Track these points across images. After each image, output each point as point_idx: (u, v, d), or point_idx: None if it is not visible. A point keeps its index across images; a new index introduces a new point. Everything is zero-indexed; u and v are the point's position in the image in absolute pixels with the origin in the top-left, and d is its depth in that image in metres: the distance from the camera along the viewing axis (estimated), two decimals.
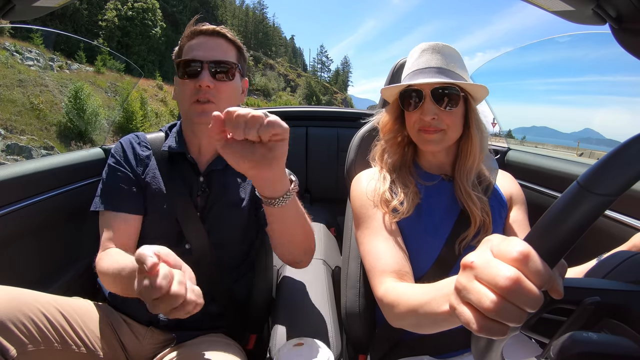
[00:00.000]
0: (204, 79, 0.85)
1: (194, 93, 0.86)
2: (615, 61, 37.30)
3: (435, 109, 0.81)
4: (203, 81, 0.85)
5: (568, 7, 0.59)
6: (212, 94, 0.87)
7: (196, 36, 0.90)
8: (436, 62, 0.82)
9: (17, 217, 0.98)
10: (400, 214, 0.83)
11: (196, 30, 0.90)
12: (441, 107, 0.81)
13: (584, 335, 0.37)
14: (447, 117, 0.82)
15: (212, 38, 0.90)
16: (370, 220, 0.85)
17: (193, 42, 0.90)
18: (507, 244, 0.34)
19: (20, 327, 0.68)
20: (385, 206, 0.84)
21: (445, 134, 0.83)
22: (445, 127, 0.82)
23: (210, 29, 0.90)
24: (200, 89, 0.86)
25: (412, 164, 0.92)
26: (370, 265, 0.80)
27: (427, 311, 0.57)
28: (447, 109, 0.81)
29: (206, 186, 0.93)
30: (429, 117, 0.81)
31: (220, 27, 0.91)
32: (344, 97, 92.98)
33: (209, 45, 0.89)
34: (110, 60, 21.57)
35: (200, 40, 0.89)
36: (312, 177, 2.18)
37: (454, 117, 0.82)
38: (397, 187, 0.86)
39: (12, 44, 17.59)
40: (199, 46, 0.88)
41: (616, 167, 0.34)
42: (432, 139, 0.83)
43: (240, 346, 0.93)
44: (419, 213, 0.84)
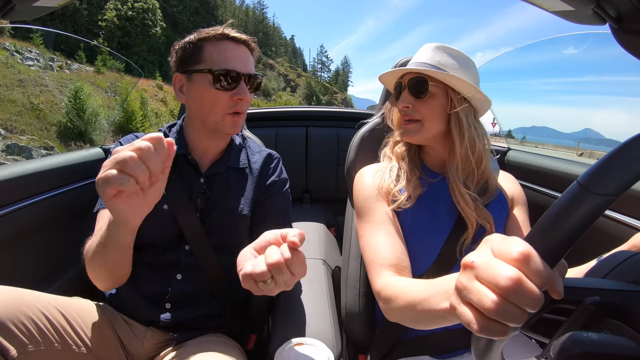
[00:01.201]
0: (245, 93, 0.86)
1: (230, 105, 0.86)
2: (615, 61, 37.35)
3: (410, 99, 0.85)
4: (245, 96, 0.86)
5: (568, 7, 0.59)
6: (244, 107, 0.89)
7: (227, 40, 0.86)
8: (425, 59, 0.86)
9: (17, 217, 0.98)
10: (400, 202, 0.83)
11: (228, 34, 0.86)
12: (414, 96, 0.85)
13: (584, 335, 0.37)
14: (422, 108, 0.85)
15: (242, 47, 0.88)
16: (371, 214, 0.85)
17: (222, 46, 0.86)
18: (508, 244, 0.34)
19: (20, 327, 0.68)
20: (387, 196, 0.85)
21: (422, 125, 0.86)
22: (421, 118, 0.85)
23: (241, 38, 0.88)
24: (239, 102, 0.86)
25: (417, 158, 0.94)
26: (369, 258, 0.80)
27: (425, 307, 0.57)
28: (419, 98, 0.84)
29: (206, 188, 0.93)
30: (403, 104, 0.86)
31: (248, 37, 0.90)
32: (344, 97, 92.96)
33: (243, 55, 0.88)
34: (110, 60, 21.56)
35: (231, 47, 0.86)
36: (312, 177, 2.18)
37: (429, 108, 0.85)
38: (402, 177, 0.88)
39: (12, 44, 17.58)
40: (234, 56, 0.86)
41: (616, 167, 0.34)
42: (407, 128, 0.87)
43: (240, 346, 0.93)
44: (419, 208, 0.85)
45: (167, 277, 0.89)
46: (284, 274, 0.54)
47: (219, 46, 0.86)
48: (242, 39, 0.88)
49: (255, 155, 1.02)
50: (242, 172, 0.98)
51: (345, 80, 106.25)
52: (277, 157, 1.05)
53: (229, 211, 0.93)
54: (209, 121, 0.88)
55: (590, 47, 1.24)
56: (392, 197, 0.85)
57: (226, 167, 0.95)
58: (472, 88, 0.82)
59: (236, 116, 0.88)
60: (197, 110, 0.89)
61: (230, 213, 0.93)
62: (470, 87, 0.82)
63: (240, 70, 0.85)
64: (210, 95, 0.85)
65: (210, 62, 0.85)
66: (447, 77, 0.82)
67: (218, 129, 0.89)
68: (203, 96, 0.86)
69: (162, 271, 0.90)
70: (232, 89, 0.85)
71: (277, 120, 2.25)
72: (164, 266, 0.90)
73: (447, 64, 0.84)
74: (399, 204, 0.84)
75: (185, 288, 0.89)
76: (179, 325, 0.88)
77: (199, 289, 0.91)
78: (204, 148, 0.94)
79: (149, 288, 0.89)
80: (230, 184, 0.95)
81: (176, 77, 0.91)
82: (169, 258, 0.90)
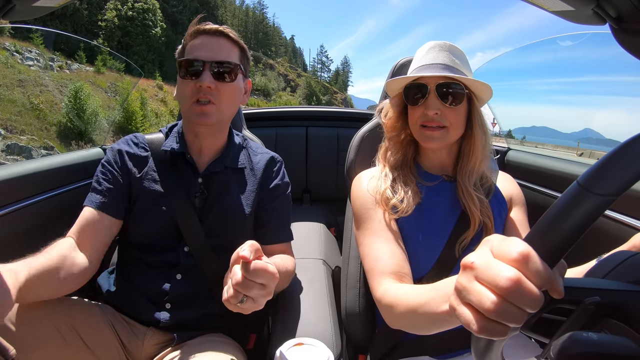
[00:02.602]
0: (205, 79, 0.84)
1: (194, 93, 0.85)
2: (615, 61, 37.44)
3: (439, 104, 0.81)
4: (204, 82, 0.84)
5: (568, 7, 0.59)
6: (213, 95, 0.86)
7: (199, 35, 0.89)
8: (443, 59, 0.82)
9: (17, 217, 0.98)
10: (400, 212, 0.83)
11: (199, 29, 0.89)
12: (445, 103, 0.81)
13: (584, 335, 0.37)
14: (450, 114, 0.82)
15: (215, 38, 0.89)
16: (370, 221, 0.85)
17: (196, 41, 0.89)
18: (507, 245, 0.34)
19: (20, 327, 0.68)
20: (385, 204, 0.84)
21: (447, 132, 0.83)
22: (448, 125, 0.82)
23: (213, 28, 0.88)
24: (201, 89, 0.85)
25: (413, 164, 0.92)
26: (370, 266, 0.80)
27: (425, 311, 0.57)
28: (451, 105, 0.81)
29: (204, 187, 0.93)
30: (432, 111, 0.81)
31: (224, 27, 0.90)
32: (344, 97, 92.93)
33: (212, 45, 0.88)
34: (110, 60, 21.55)
35: (203, 39, 0.88)
36: (312, 177, 2.18)
37: (457, 115, 0.82)
38: (398, 185, 0.86)
39: (12, 44, 17.58)
40: (202, 46, 0.87)
41: (616, 167, 0.34)
42: (433, 136, 0.83)
43: (240, 346, 0.93)
44: (419, 213, 0.84)
45: (167, 277, 0.89)
46: (253, 289, 0.56)
47: (193, 41, 0.89)
48: (213, 30, 0.89)
49: (257, 155, 1.02)
50: (241, 172, 0.98)
51: (345, 80, 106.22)
52: (280, 161, 1.06)
53: (228, 211, 0.93)
54: (183, 113, 0.91)
55: (590, 47, 1.25)
56: (391, 207, 0.84)
57: (223, 167, 0.95)
58: (491, 92, 0.82)
59: (202, 105, 0.86)
60: (180, 106, 0.93)
61: (229, 213, 0.92)
62: (490, 92, 0.82)
63: (204, 58, 0.85)
64: (181, 87, 0.88)
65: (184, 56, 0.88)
66: (479, 85, 0.81)
67: (189, 120, 0.90)
68: (177, 89, 0.90)
69: (162, 271, 0.90)
70: (195, 76, 0.85)
71: (277, 120, 2.25)
72: (163, 266, 0.90)
73: (461, 65, 0.83)
74: (399, 215, 0.83)
75: (185, 288, 0.89)
76: (179, 326, 0.88)
77: (198, 289, 0.91)
78: (198, 146, 0.94)
79: (149, 288, 0.89)
80: (229, 184, 0.95)
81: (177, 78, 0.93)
82: (169, 258, 0.90)
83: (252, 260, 0.55)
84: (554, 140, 29.66)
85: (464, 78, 0.80)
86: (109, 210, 0.88)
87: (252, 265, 0.55)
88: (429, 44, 0.87)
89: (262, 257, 0.58)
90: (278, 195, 1.00)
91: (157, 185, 0.91)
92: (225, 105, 0.89)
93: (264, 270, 0.56)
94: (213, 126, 0.90)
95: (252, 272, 0.55)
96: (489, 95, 0.84)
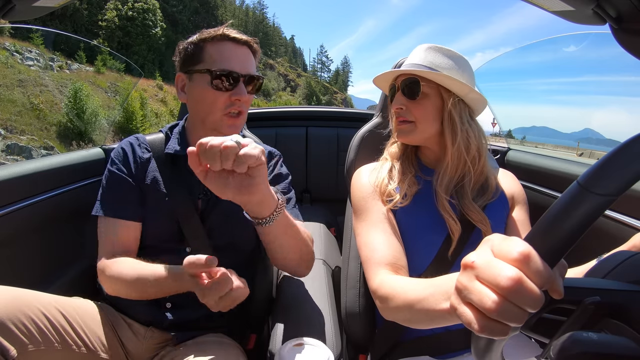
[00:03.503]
0: (243, 93, 0.85)
1: (227, 105, 0.86)
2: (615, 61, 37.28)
3: (403, 100, 0.86)
4: (242, 96, 0.85)
5: (568, 7, 0.59)
6: (243, 107, 0.88)
7: (226, 42, 0.86)
8: (418, 60, 0.86)
9: (17, 217, 0.98)
10: (396, 202, 0.83)
11: (228, 35, 0.86)
12: (408, 97, 0.85)
13: (584, 335, 0.37)
14: (415, 109, 0.85)
15: (243, 48, 0.88)
16: (368, 212, 0.85)
17: (223, 47, 0.86)
18: (508, 244, 0.34)
19: (20, 327, 0.68)
20: (383, 193, 0.85)
21: (415, 127, 0.86)
22: (414, 119, 0.85)
23: (241, 39, 0.87)
24: (235, 102, 0.86)
25: (414, 156, 0.94)
26: (366, 257, 0.80)
27: (424, 307, 0.56)
28: (412, 99, 0.85)
29: (207, 189, 0.93)
30: (396, 105, 0.86)
31: (250, 39, 0.89)
32: (344, 97, 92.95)
33: (243, 56, 0.87)
34: (110, 60, 21.55)
35: (231, 48, 0.86)
36: (312, 177, 2.18)
37: (422, 109, 0.85)
38: (396, 175, 0.88)
39: (12, 44, 17.57)
40: (234, 57, 0.86)
41: (616, 167, 0.34)
42: (400, 129, 0.88)
43: (240, 346, 0.93)
44: (417, 206, 0.84)
45: None
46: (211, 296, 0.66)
47: (219, 46, 0.86)
48: (243, 40, 0.88)
49: None
50: None
51: (345, 80, 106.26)
52: (278, 154, 1.06)
53: (230, 212, 0.92)
54: (208, 121, 0.88)
55: (590, 47, 1.25)
56: (388, 196, 0.85)
57: None
58: (465, 87, 0.81)
59: (234, 117, 0.87)
60: (197, 110, 0.90)
61: (231, 214, 0.92)
62: (463, 86, 0.81)
63: (239, 71, 0.85)
64: (209, 95, 0.85)
65: (210, 62, 0.85)
66: (439, 77, 0.81)
67: (217, 129, 0.89)
68: (202, 96, 0.86)
69: None
70: (230, 89, 0.85)
71: (277, 120, 2.25)
72: None
73: (440, 64, 0.84)
74: (394, 203, 0.84)
75: None
76: (179, 325, 0.88)
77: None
78: None
79: None
80: None
81: (178, 76, 0.91)
82: (171, 258, 0.90)
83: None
84: (554, 140, 29.67)
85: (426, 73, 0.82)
86: (136, 217, 0.89)
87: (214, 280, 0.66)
88: (423, 46, 0.89)
89: None
90: (278, 182, 1.00)
91: (160, 186, 0.90)
92: (246, 114, 0.92)
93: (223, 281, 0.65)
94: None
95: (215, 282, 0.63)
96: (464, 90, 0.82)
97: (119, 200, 0.88)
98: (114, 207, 0.88)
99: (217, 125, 0.88)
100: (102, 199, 0.89)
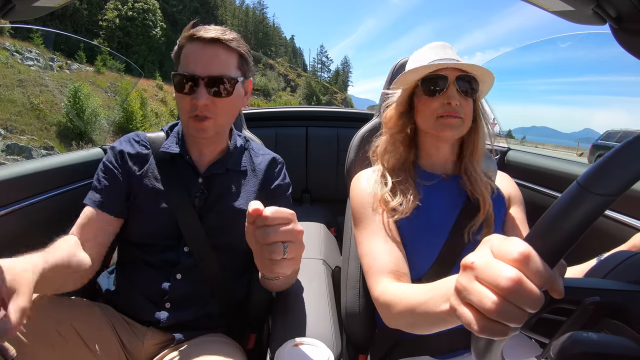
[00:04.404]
0: (201, 98, 0.80)
1: (191, 109, 0.83)
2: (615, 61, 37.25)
3: (457, 96, 0.82)
4: (200, 100, 0.81)
5: (568, 7, 0.59)
6: (210, 111, 0.83)
7: (194, 41, 0.82)
8: (452, 55, 0.85)
9: (17, 217, 0.98)
10: (398, 214, 0.83)
11: (194, 35, 0.82)
12: (464, 94, 0.83)
13: (584, 335, 0.37)
14: (467, 106, 0.84)
15: (210, 47, 0.82)
16: (368, 221, 0.85)
17: (190, 49, 0.83)
18: (508, 245, 0.34)
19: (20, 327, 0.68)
20: (385, 206, 0.84)
21: (463, 122, 0.84)
22: (464, 116, 0.84)
23: (207, 37, 0.81)
24: (195, 106, 0.82)
25: (412, 165, 0.92)
26: (368, 265, 0.80)
27: (424, 311, 0.57)
28: (468, 97, 0.83)
29: (205, 188, 0.93)
30: (455, 101, 0.81)
31: (221, 32, 0.83)
32: (344, 97, 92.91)
33: (207, 56, 0.82)
34: (110, 60, 21.54)
35: (197, 49, 0.82)
36: (312, 177, 2.18)
37: (470, 107, 0.85)
38: (397, 188, 0.86)
39: (12, 44, 17.57)
40: (197, 58, 0.82)
41: (616, 167, 0.34)
42: (452, 124, 0.83)
43: (240, 346, 0.93)
44: (418, 213, 0.84)
45: (167, 277, 0.89)
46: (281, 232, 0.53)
47: (187, 48, 0.84)
48: (208, 38, 0.81)
49: (259, 157, 1.02)
50: (243, 173, 0.98)
51: (345, 80, 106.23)
52: (281, 162, 1.06)
53: (228, 211, 0.93)
54: (182, 124, 0.91)
55: (591, 47, 1.25)
56: (390, 209, 0.84)
57: (225, 168, 0.95)
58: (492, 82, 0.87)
59: (199, 120, 0.84)
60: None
61: (229, 213, 0.92)
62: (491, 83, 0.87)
63: (198, 73, 0.80)
64: (178, 100, 0.86)
65: (181, 65, 0.84)
66: (486, 77, 0.84)
67: (188, 132, 0.90)
68: (176, 100, 0.87)
69: (162, 271, 0.90)
70: (190, 93, 0.82)
71: (277, 120, 2.25)
72: (163, 266, 0.90)
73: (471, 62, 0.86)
74: (398, 218, 0.83)
75: (185, 288, 0.89)
76: (179, 325, 0.88)
77: (199, 289, 0.91)
78: (199, 149, 0.94)
79: (149, 288, 0.89)
80: (230, 186, 0.95)
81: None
82: (169, 258, 0.90)
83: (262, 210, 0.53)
84: (554, 140, 29.63)
85: (476, 68, 0.81)
86: (109, 209, 0.88)
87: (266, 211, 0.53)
88: (434, 43, 0.89)
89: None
90: (279, 195, 1.00)
91: (157, 183, 0.91)
92: (223, 118, 0.87)
93: (279, 211, 0.54)
94: (211, 137, 0.90)
95: (272, 216, 0.53)
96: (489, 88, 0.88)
97: (97, 190, 0.89)
98: (97, 197, 0.88)
99: (187, 128, 0.89)
100: (91, 189, 0.90)
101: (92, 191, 0.90)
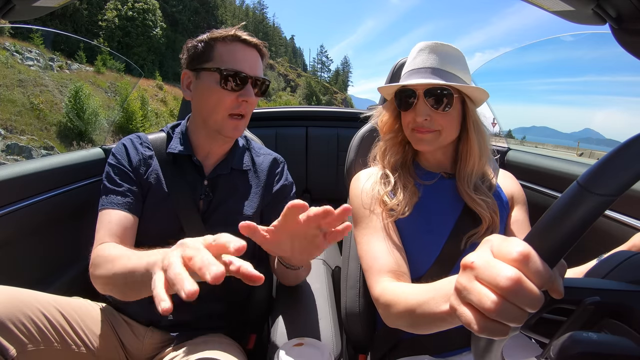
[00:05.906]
0: (250, 95, 0.86)
1: (233, 106, 0.86)
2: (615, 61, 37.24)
3: (428, 110, 0.81)
4: (250, 97, 0.86)
5: (568, 7, 0.59)
6: (248, 109, 0.88)
7: (236, 43, 0.86)
8: (431, 63, 0.82)
9: (17, 217, 0.98)
10: (398, 214, 0.83)
11: (239, 36, 0.86)
12: (434, 108, 0.81)
13: (584, 335, 0.37)
14: (441, 119, 0.81)
15: (253, 50, 0.89)
16: (368, 220, 0.85)
17: (233, 47, 0.86)
18: (507, 245, 0.34)
19: (20, 327, 0.68)
20: (384, 206, 0.84)
21: (439, 135, 0.83)
22: (440, 128, 0.82)
23: (253, 41, 0.88)
24: (242, 103, 0.86)
25: (411, 164, 0.92)
26: (368, 265, 0.80)
27: (424, 311, 0.57)
28: (440, 110, 0.81)
29: (210, 190, 0.93)
30: (421, 118, 0.81)
31: (259, 42, 0.90)
32: (344, 97, 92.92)
33: (251, 58, 0.87)
34: (110, 60, 21.56)
35: (241, 48, 0.86)
36: (312, 177, 2.18)
37: (449, 119, 0.82)
38: (397, 187, 0.86)
39: (12, 44, 17.57)
40: (244, 58, 0.86)
41: (616, 167, 0.34)
42: (424, 139, 0.83)
43: (240, 346, 0.93)
44: (418, 213, 0.84)
45: None
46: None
47: (229, 47, 0.86)
48: (253, 42, 0.88)
49: (260, 156, 1.02)
50: (246, 174, 0.98)
51: (345, 80, 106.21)
52: (283, 161, 1.06)
53: (232, 213, 0.92)
54: (211, 121, 0.88)
55: (591, 47, 1.25)
56: (389, 210, 0.84)
57: (229, 169, 0.95)
58: (485, 93, 0.82)
59: (238, 119, 0.87)
60: (201, 108, 0.90)
61: (232, 215, 0.92)
62: (486, 95, 0.82)
63: (247, 72, 0.85)
64: (216, 95, 0.85)
65: (220, 61, 0.85)
66: (471, 90, 0.81)
67: (219, 130, 0.88)
68: (209, 95, 0.86)
69: None
70: (237, 90, 0.85)
71: (277, 120, 2.25)
72: None
73: (452, 65, 0.82)
74: (396, 218, 0.83)
75: None
76: (179, 325, 0.88)
77: (199, 289, 0.91)
78: (207, 149, 0.94)
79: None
80: (234, 186, 0.95)
81: (185, 74, 0.91)
82: None
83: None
84: (554, 140, 29.59)
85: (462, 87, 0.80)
86: (134, 210, 0.87)
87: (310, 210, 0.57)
88: (419, 46, 0.86)
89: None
90: (285, 197, 1.00)
91: (161, 185, 0.90)
92: (249, 118, 0.92)
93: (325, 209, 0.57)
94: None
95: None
96: (484, 97, 0.83)
97: (118, 192, 0.88)
98: (113, 199, 0.87)
99: (219, 127, 0.88)
100: (103, 194, 0.88)
101: (112, 195, 0.87)
